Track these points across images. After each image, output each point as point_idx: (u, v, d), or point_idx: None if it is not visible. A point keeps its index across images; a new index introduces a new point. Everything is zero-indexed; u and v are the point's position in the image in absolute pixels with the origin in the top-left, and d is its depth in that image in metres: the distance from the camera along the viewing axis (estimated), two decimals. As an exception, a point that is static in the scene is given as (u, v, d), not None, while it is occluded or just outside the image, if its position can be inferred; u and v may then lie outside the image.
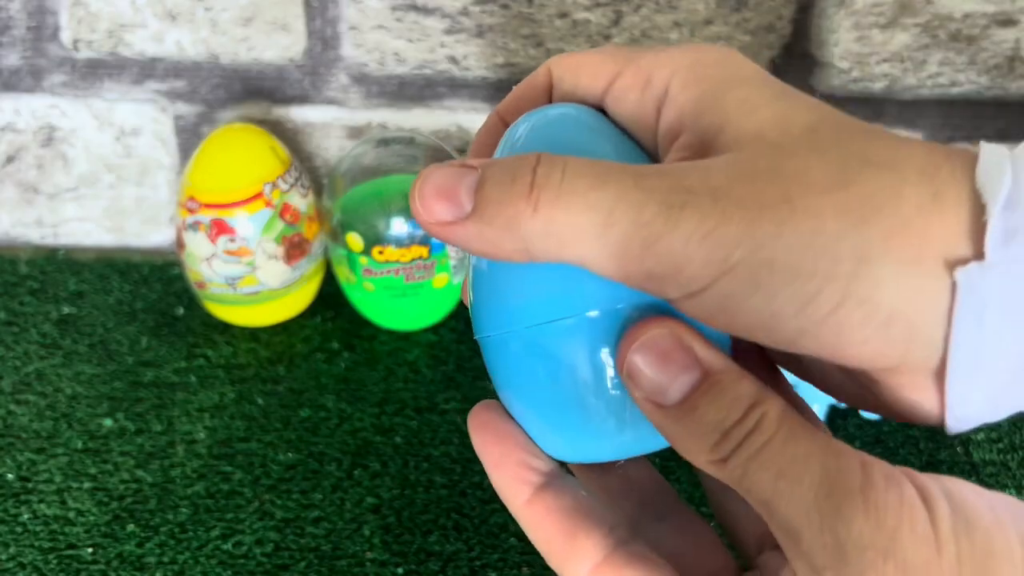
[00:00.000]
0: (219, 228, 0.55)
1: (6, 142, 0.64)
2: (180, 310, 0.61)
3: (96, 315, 0.61)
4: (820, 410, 0.51)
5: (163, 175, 0.65)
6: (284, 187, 0.56)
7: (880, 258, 0.19)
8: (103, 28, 0.61)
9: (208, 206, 0.54)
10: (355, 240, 0.55)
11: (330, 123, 0.64)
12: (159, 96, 0.63)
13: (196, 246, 0.55)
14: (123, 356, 0.58)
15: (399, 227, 0.54)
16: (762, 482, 0.19)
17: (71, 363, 0.57)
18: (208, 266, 0.56)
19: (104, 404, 0.54)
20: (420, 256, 0.55)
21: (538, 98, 0.26)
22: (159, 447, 0.51)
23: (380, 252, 0.55)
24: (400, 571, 0.45)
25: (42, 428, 0.52)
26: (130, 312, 0.61)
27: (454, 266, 0.57)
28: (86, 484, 0.49)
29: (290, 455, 0.51)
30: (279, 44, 0.61)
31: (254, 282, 0.56)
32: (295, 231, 0.57)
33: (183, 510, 0.48)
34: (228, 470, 0.50)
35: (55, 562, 0.45)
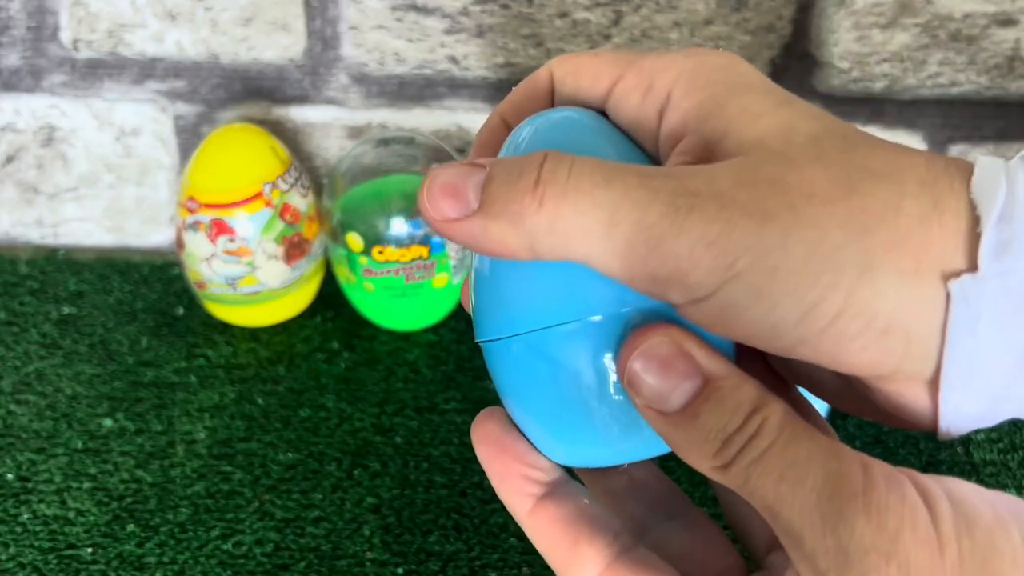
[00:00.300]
0: (219, 228, 0.55)
1: (6, 142, 0.64)
2: (180, 310, 0.61)
3: (96, 315, 0.61)
4: (821, 410, 0.51)
5: (163, 175, 0.65)
6: (284, 187, 0.56)
7: (880, 268, 0.19)
8: (103, 28, 0.61)
9: (208, 206, 0.54)
10: (355, 240, 0.55)
11: (330, 123, 0.64)
12: (159, 96, 0.63)
13: (196, 246, 0.55)
14: (123, 356, 0.58)
15: (399, 227, 0.54)
16: (765, 487, 0.19)
17: (71, 363, 0.57)
18: (208, 266, 0.56)
19: (104, 404, 0.54)
20: (420, 256, 0.55)
21: (539, 99, 0.26)
22: (159, 447, 0.51)
23: (380, 252, 0.55)
24: (400, 571, 0.45)
25: (42, 428, 0.52)
26: (130, 312, 0.61)
27: (454, 266, 0.57)
28: (86, 484, 0.49)
29: (290, 455, 0.51)
30: (279, 44, 0.61)
31: (254, 282, 0.56)
32: (295, 231, 0.57)
33: (183, 510, 0.48)
34: (228, 470, 0.50)
35: (55, 562, 0.45)
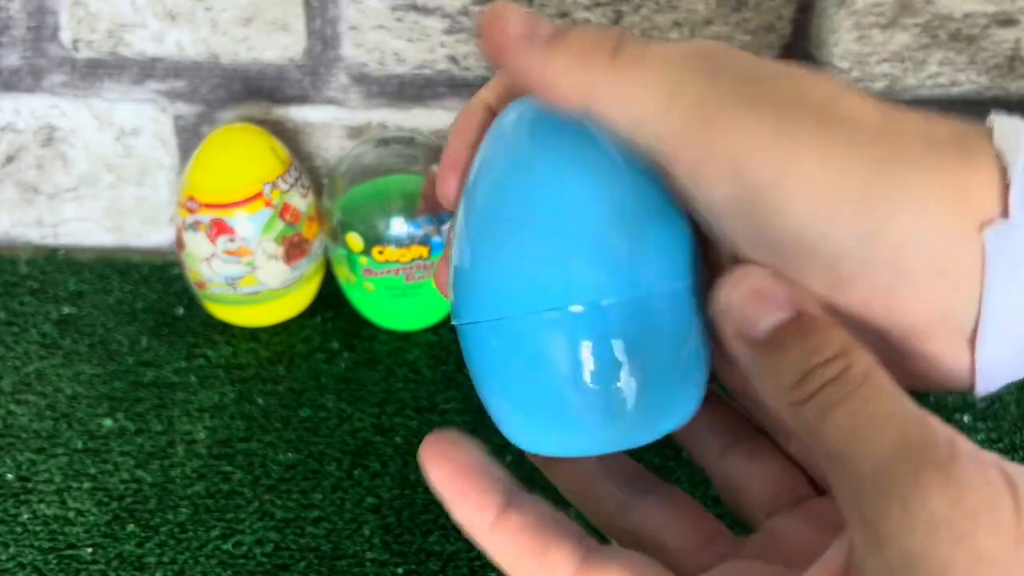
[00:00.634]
0: (219, 228, 0.55)
1: (6, 142, 0.64)
2: (180, 310, 0.61)
3: (96, 315, 0.61)
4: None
5: (163, 175, 0.65)
6: (284, 187, 0.56)
7: (936, 207, 0.19)
8: (103, 28, 0.61)
9: (208, 206, 0.54)
10: (355, 240, 0.55)
11: (330, 123, 0.64)
12: (159, 96, 0.63)
13: (196, 246, 0.55)
14: (123, 356, 0.58)
15: (399, 227, 0.54)
16: (837, 434, 0.18)
17: (71, 363, 0.57)
18: (208, 266, 0.56)
19: (104, 404, 0.54)
20: (420, 256, 0.55)
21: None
22: (159, 447, 0.51)
23: (380, 252, 0.55)
24: (400, 571, 0.45)
25: (42, 428, 0.52)
26: (130, 312, 0.61)
27: (454, 266, 0.57)
28: (86, 484, 0.49)
29: (290, 455, 0.51)
30: (279, 44, 0.61)
31: (254, 282, 0.56)
32: (295, 231, 0.57)
33: (183, 510, 0.48)
34: (228, 470, 0.50)
35: (55, 562, 0.45)
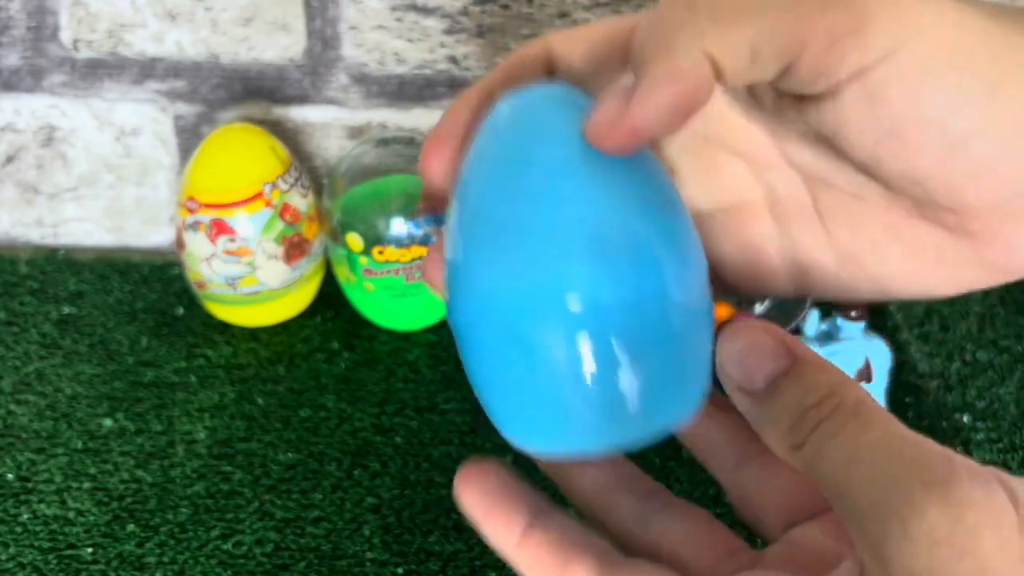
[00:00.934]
0: (219, 228, 0.55)
1: (6, 142, 0.65)
2: (180, 310, 0.61)
3: (96, 315, 0.61)
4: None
5: (163, 175, 0.66)
6: (284, 187, 0.56)
7: (1004, 93, 0.19)
8: (103, 28, 0.61)
9: (208, 206, 0.54)
10: (355, 240, 0.55)
11: (330, 123, 0.64)
12: (159, 96, 0.63)
13: (196, 246, 0.55)
14: (123, 356, 0.58)
15: (399, 227, 0.54)
16: (833, 467, 0.18)
17: (71, 363, 0.57)
18: (208, 266, 0.56)
19: (104, 404, 0.54)
20: (420, 256, 0.55)
21: (533, 79, 0.24)
22: (159, 447, 0.51)
23: (380, 252, 0.55)
24: (400, 571, 0.45)
25: (42, 428, 0.52)
26: (130, 312, 0.61)
27: (454, 266, 0.57)
28: (86, 484, 0.49)
29: (290, 455, 0.51)
30: (279, 44, 0.61)
31: (254, 282, 0.56)
32: (295, 231, 0.57)
33: (183, 510, 0.48)
34: (228, 470, 0.50)
35: (55, 562, 0.45)
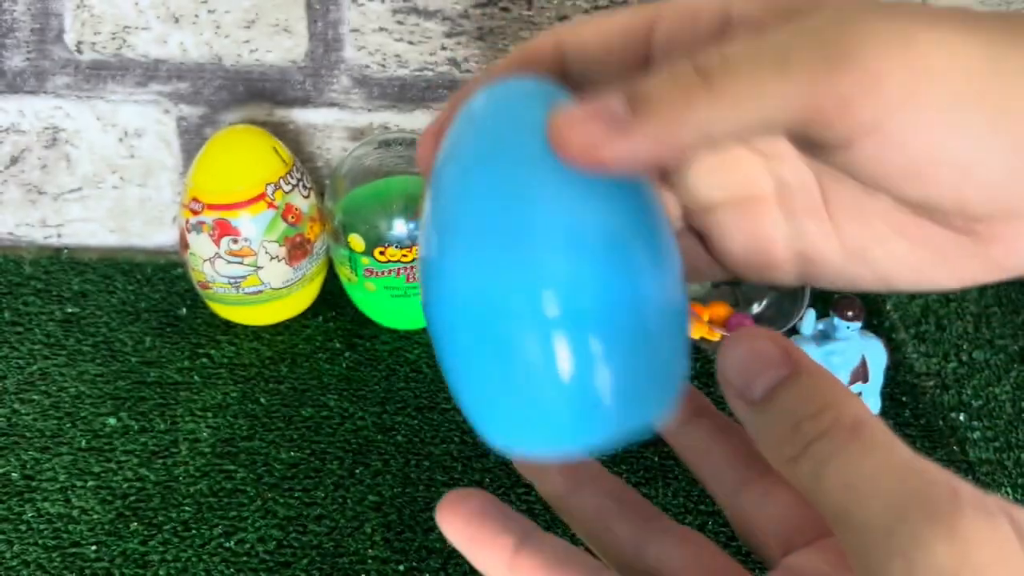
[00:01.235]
0: (222, 229, 0.55)
1: (10, 143, 0.65)
2: (183, 310, 0.62)
3: (100, 315, 0.61)
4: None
5: (166, 176, 0.66)
6: (286, 188, 0.56)
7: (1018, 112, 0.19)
8: (107, 30, 0.61)
9: (211, 207, 0.55)
10: (357, 241, 0.55)
11: (332, 125, 0.64)
12: (162, 98, 0.63)
13: (199, 247, 0.56)
14: (127, 356, 0.58)
15: (400, 228, 0.55)
16: (833, 492, 0.17)
17: (75, 362, 0.57)
18: (211, 266, 0.56)
19: (108, 403, 0.54)
20: (421, 257, 0.55)
21: (542, 72, 0.23)
22: (162, 446, 0.52)
23: (381, 252, 0.55)
24: (401, 568, 0.45)
25: (46, 427, 0.53)
26: (134, 312, 0.62)
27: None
28: (90, 482, 0.50)
29: (292, 454, 0.51)
30: (281, 46, 0.62)
31: (257, 282, 0.57)
32: (297, 232, 0.57)
33: (186, 508, 0.48)
34: (231, 468, 0.50)
35: (59, 560, 0.46)
